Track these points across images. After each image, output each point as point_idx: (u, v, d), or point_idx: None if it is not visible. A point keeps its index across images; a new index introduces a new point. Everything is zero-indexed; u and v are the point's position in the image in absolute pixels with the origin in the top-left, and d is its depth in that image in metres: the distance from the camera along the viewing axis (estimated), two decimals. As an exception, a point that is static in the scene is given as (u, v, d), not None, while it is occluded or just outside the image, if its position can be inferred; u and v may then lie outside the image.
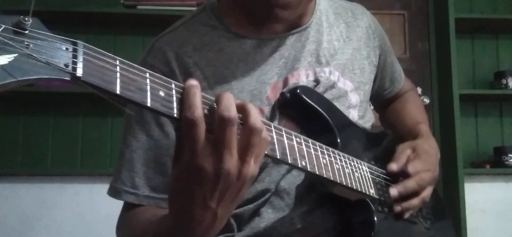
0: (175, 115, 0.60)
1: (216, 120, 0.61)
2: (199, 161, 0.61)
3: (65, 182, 2.84)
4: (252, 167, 0.64)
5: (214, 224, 0.66)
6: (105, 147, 2.91)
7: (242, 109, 0.63)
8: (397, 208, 0.99)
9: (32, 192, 2.81)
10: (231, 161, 0.61)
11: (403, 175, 1.01)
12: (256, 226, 0.95)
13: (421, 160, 1.03)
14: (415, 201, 1.01)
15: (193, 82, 0.62)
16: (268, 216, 0.95)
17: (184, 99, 0.60)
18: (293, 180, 0.97)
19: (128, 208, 0.96)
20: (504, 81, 3.01)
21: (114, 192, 0.96)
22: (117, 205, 0.98)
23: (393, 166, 1.01)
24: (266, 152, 0.69)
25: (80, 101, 2.91)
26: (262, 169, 0.96)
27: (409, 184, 0.99)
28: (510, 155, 2.94)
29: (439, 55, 3.12)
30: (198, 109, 0.60)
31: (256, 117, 0.63)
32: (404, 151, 1.05)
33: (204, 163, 0.61)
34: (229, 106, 0.61)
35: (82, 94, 2.76)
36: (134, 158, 0.94)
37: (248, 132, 0.62)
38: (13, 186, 2.82)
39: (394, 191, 0.98)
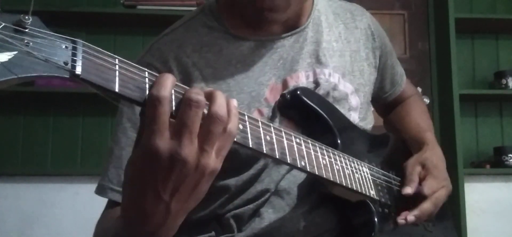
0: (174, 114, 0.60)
1: (181, 101, 0.58)
2: (156, 142, 0.57)
3: (65, 182, 2.84)
4: (213, 160, 0.60)
5: (167, 221, 0.61)
6: (105, 147, 2.91)
7: (209, 95, 0.60)
8: (401, 222, 0.97)
9: (32, 192, 2.81)
10: (190, 148, 0.57)
11: (418, 195, 0.99)
12: (256, 226, 0.95)
13: (433, 177, 1.02)
14: (422, 217, 1.00)
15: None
16: (269, 216, 0.95)
17: (157, 79, 0.58)
18: (293, 180, 0.96)
19: (111, 206, 0.93)
20: (504, 81, 3.01)
21: (100, 190, 0.94)
22: (117, 205, 0.98)
23: (408, 189, 1.00)
24: (265, 152, 0.69)
25: (80, 101, 2.91)
26: (262, 169, 0.96)
27: (426, 207, 0.98)
28: (510, 155, 2.94)
29: (439, 55, 3.12)
30: (165, 89, 0.57)
31: (221, 105, 0.60)
32: (414, 169, 1.03)
33: (160, 145, 0.57)
34: (198, 90, 0.59)
35: (82, 94, 2.76)
36: (123, 155, 0.93)
37: (209, 119, 0.59)
38: (13, 186, 2.82)
39: (411, 217, 0.96)
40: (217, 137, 0.59)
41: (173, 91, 0.59)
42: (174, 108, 0.58)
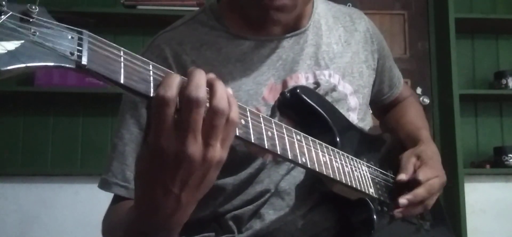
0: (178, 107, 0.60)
1: (183, 100, 0.58)
2: (161, 142, 0.58)
3: (65, 182, 2.84)
4: (219, 151, 0.60)
5: (178, 211, 0.63)
6: (105, 147, 2.91)
7: (209, 86, 0.60)
8: (398, 215, 0.97)
9: (32, 192, 2.81)
10: (195, 145, 0.58)
11: (413, 183, 1.00)
12: (257, 227, 0.96)
13: (428, 166, 1.03)
14: (418, 209, 1.00)
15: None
16: (269, 217, 0.95)
17: (163, 79, 0.58)
18: (293, 180, 0.97)
19: (116, 200, 0.95)
20: (504, 81, 3.02)
21: (104, 184, 0.96)
22: (117, 205, 0.98)
23: (402, 176, 1.00)
24: (267, 147, 0.69)
25: (80, 101, 2.91)
26: (260, 169, 0.96)
27: (419, 192, 0.98)
28: (510, 155, 2.94)
29: (439, 55, 3.12)
30: (172, 90, 0.57)
31: (221, 98, 0.60)
32: (409, 159, 1.04)
33: (166, 145, 0.58)
34: (198, 86, 0.58)
35: (82, 94, 2.76)
36: (126, 151, 0.95)
37: (211, 113, 0.59)
38: (13, 186, 2.81)
39: (403, 200, 0.96)
40: (220, 130, 0.60)
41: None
42: (178, 106, 0.58)
